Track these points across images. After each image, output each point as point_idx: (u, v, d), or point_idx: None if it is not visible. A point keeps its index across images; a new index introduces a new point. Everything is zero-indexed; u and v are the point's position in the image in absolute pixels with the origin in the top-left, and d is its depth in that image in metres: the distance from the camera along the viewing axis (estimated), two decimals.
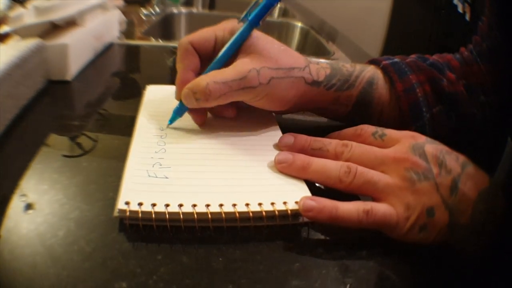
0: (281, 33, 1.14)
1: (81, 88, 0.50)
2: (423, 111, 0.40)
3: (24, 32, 0.46)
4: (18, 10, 0.48)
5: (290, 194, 0.30)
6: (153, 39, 0.76)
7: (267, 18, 0.36)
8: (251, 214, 0.28)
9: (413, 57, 0.43)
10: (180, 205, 0.28)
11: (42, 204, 0.28)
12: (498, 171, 0.44)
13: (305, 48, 1.09)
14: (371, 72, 0.41)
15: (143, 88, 0.45)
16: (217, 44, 0.37)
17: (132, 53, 0.70)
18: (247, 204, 0.28)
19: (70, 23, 0.52)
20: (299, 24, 1.12)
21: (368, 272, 0.26)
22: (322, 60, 0.41)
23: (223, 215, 0.27)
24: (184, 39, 0.36)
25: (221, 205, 0.28)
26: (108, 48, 0.65)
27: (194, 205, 0.28)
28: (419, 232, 0.28)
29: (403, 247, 0.28)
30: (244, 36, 0.35)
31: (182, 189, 0.30)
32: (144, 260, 0.25)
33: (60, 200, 0.29)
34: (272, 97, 0.36)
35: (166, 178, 0.30)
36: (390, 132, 0.33)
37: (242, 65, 0.34)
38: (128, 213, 0.27)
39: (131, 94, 0.51)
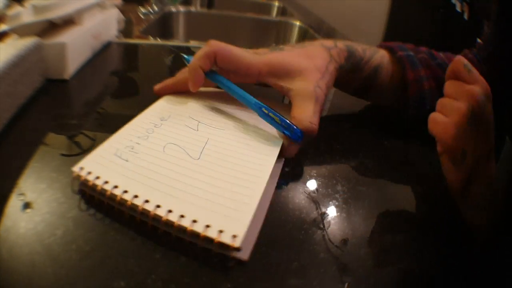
0: (279, 32, 1.14)
1: (79, 87, 0.50)
2: (426, 103, 0.45)
3: (22, 31, 0.46)
4: (16, 8, 0.48)
5: (231, 224, 0.26)
6: (151, 38, 0.75)
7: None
8: (175, 225, 0.26)
9: (423, 50, 0.47)
10: (125, 192, 0.28)
11: (40, 203, 0.28)
12: (496, 171, 0.44)
13: None
14: (378, 60, 0.45)
15: (141, 87, 0.45)
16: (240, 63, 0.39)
17: (130, 52, 0.70)
18: (182, 216, 0.26)
19: (68, 21, 0.52)
20: (298, 23, 1.12)
21: (366, 271, 0.27)
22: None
23: (151, 213, 0.27)
24: (212, 45, 0.39)
25: (158, 206, 0.27)
26: (106, 47, 0.65)
27: (136, 196, 0.28)
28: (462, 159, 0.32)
29: (401, 246, 0.28)
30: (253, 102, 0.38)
31: (137, 177, 0.30)
32: (143, 259, 0.25)
33: (59, 199, 0.29)
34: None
35: (126, 161, 0.31)
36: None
37: (305, 90, 0.38)
38: (80, 178, 0.29)
39: (129, 93, 0.51)
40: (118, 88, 0.54)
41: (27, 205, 0.28)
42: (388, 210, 0.33)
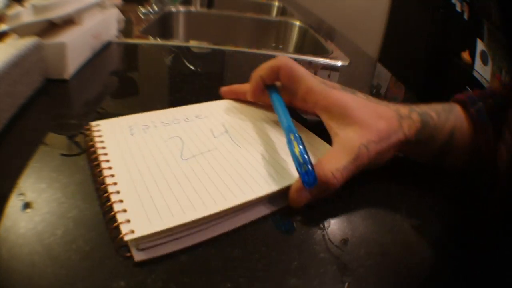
0: (279, 32, 1.15)
1: (79, 87, 0.50)
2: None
3: (22, 31, 0.46)
4: (16, 8, 0.48)
5: (141, 221, 0.26)
6: (151, 38, 0.75)
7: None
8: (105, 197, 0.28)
9: (489, 93, 0.41)
10: (109, 167, 0.30)
11: (40, 203, 0.28)
12: None
13: (304, 47, 1.09)
14: (452, 121, 0.39)
15: (141, 87, 0.45)
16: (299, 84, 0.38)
17: (130, 52, 0.70)
18: (121, 200, 0.28)
19: (68, 21, 0.52)
20: (298, 23, 1.12)
21: (366, 271, 0.27)
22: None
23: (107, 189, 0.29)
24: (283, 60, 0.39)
25: (118, 192, 0.28)
26: (106, 46, 0.65)
27: (112, 175, 0.30)
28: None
29: (401, 246, 0.28)
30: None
31: (125, 152, 0.32)
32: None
33: (59, 199, 0.29)
34: (372, 167, 0.36)
35: (131, 135, 0.34)
36: None
37: (350, 142, 0.34)
38: (88, 131, 0.35)
39: (129, 93, 0.51)
40: (118, 88, 0.54)
41: (27, 205, 0.28)
42: (388, 210, 0.33)
